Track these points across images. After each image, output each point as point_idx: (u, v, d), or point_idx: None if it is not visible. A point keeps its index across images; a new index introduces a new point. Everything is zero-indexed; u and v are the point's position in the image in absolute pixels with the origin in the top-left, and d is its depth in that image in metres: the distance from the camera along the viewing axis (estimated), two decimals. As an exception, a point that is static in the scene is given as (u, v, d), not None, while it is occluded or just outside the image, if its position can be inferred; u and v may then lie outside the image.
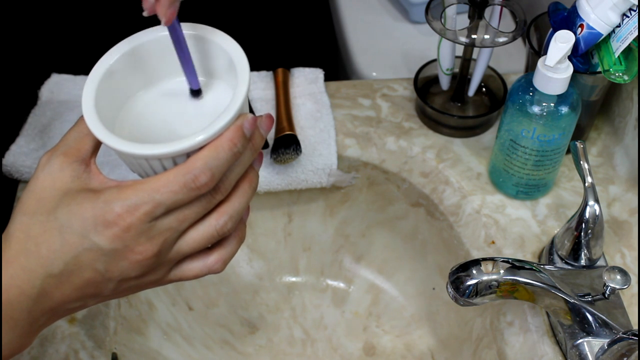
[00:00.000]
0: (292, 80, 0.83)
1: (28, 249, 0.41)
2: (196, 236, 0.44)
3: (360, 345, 0.81)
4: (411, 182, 0.79)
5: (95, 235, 0.41)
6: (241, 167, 0.44)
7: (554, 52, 0.59)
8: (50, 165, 0.43)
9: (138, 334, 0.73)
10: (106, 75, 0.45)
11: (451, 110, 0.80)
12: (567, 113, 0.64)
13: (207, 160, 0.41)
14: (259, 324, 0.82)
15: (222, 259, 0.46)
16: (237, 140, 0.42)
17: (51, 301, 0.42)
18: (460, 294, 0.56)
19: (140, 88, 0.48)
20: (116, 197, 0.41)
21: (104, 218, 0.41)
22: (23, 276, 0.41)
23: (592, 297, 0.59)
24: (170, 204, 0.41)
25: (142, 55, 0.47)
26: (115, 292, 0.44)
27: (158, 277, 0.45)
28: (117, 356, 0.68)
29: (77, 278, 0.42)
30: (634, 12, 0.61)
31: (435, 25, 0.72)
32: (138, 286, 0.45)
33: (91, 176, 0.43)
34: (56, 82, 0.83)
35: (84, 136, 0.44)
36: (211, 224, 0.44)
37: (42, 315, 0.43)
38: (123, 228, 0.41)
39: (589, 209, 0.61)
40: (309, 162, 0.76)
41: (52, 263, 0.41)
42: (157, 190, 0.41)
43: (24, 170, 0.74)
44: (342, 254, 0.86)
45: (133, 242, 0.41)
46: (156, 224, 0.41)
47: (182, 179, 0.41)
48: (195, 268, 0.46)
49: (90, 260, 0.42)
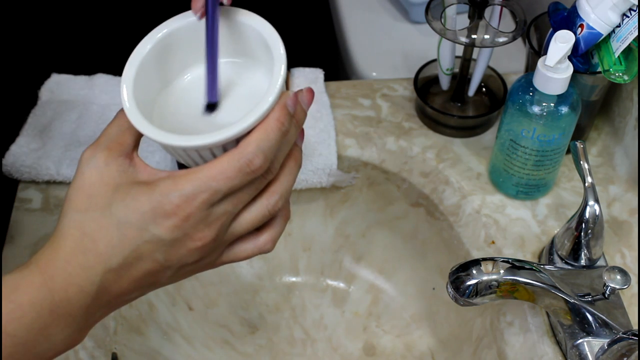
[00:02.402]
0: (292, 80, 0.83)
1: (85, 246, 0.41)
2: (249, 217, 0.44)
3: (360, 345, 0.81)
4: (411, 182, 0.79)
5: (155, 227, 0.41)
6: (288, 146, 0.44)
7: (554, 52, 0.59)
8: (95, 160, 0.43)
9: (138, 334, 0.73)
10: (141, 66, 0.45)
11: (451, 110, 0.80)
12: (567, 113, 0.64)
13: (259, 143, 0.41)
14: (259, 324, 0.82)
15: (272, 239, 0.47)
16: (284, 119, 0.42)
17: (109, 295, 0.43)
18: (460, 294, 0.56)
19: (175, 76, 0.48)
20: (172, 188, 0.41)
21: (163, 209, 0.41)
22: (82, 274, 0.41)
23: (592, 297, 0.59)
24: (227, 190, 0.41)
25: (174, 42, 0.46)
26: (171, 278, 0.45)
27: (212, 260, 0.45)
28: (117, 356, 0.68)
29: (136, 270, 0.42)
30: (634, 12, 0.61)
31: (435, 25, 0.72)
32: (193, 270, 0.45)
33: (137, 169, 0.43)
34: (56, 82, 0.83)
35: (125, 130, 0.44)
36: (263, 204, 0.44)
37: (99, 309, 0.43)
38: (182, 218, 0.41)
39: (589, 209, 0.61)
40: (309, 162, 0.76)
41: (110, 258, 0.41)
42: (213, 178, 0.41)
43: (24, 170, 0.74)
44: (342, 254, 0.86)
45: (192, 230, 0.42)
46: (213, 210, 0.42)
47: (237, 164, 0.41)
48: (247, 249, 0.47)
49: (149, 252, 0.42)
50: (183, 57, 0.47)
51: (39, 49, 1.34)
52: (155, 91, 0.47)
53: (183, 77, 0.48)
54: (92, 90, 0.83)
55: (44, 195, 0.75)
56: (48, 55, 1.32)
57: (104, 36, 1.49)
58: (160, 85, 0.47)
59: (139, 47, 0.46)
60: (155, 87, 0.47)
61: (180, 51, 0.47)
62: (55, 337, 0.41)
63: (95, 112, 0.81)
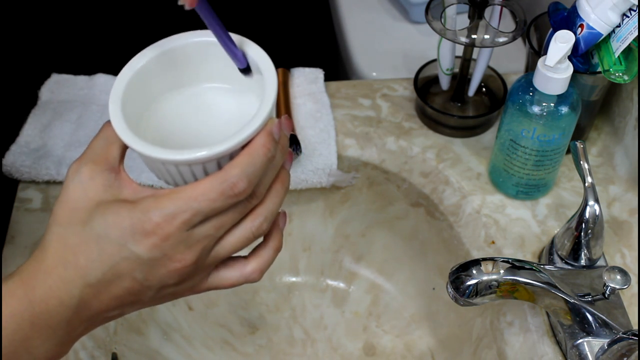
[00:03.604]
0: (292, 80, 0.83)
1: (66, 259, 0.41)
2: (233, 240, 0.44)
3: (360, 345, 0.81)
4: (411, 182, 0.79)
5: (134, 245, 0.41)
6: (274, 171, 0.44)
7: (554, 52, 0.59)
8: (79, 174, 0.43)
9: (138, 334, 0.73)
10: (133, 80, 0.45)
11: (451, 110, 0.80)
12: (567, 113, 0.64)
13: (244, 167, 0.41)
14: (259, 324, 0.82)
15: (260, 268, 0.47)
16: (270, 145, 0.42)
17: (90, 310, 0.42)
18: (460, 294, 0.56)
19: (164, 92, 0.48)
20: (153, 206, 0.41)
21: (142, 227, 0.40)
22: (62, 286, 0.41)
23: (592, 297, 0.59)
24: (208, 211, 0.41)
25: (169, 61, 0.46)
26: (153, 299, 0.44)
27: (195, 283, 0.45)
28: (117, 356, 0.68)
29: (116, 287, 0.42)
30: (634, 12, 0.61)
31: (435, 25, 0.72)
32: (176, 293, 0.45)
33: (122, 184, 0.43)
34: (56, 82, 0.83)
35: (110, 143, 0.44)
36: (247, 227, 0.44)
37: (80, 324, 0.43)
38: (162, 237, 0.41)
39: (589, 209, 0.61)
40: (309, 162, 0.76)
41: (90, 273, 0.41)
42: (194, 199, 0.40)
43: (24, 170, 0.74)
44: (342, 254, 0.86)
45: (172, 251, 0.41)
46: (194, 232, 0.41)
47: (220, 187, 0.41)
48: (232, 277, 0.46)
49: (128, 270, 0.41)
50: (177, 75, 0.48)
51: (39, 49, 1.35)
52: (144, 107, 0.47)
53: (175, 96, 0.48)
54: (92, 90, 0.83)
55: (44, 195, 0.75)
56: (48, 55, 1.32)
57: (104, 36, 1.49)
58: (150, 101, 0.47)
59: (132, 61, 0.46)
60: (145, 103, 0.47)
61: (174, 69, 0.47)
62: (36, 349, 0.41)
63: (95, 112, 0.81)
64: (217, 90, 0.48)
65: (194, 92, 0.48)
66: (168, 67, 0.47)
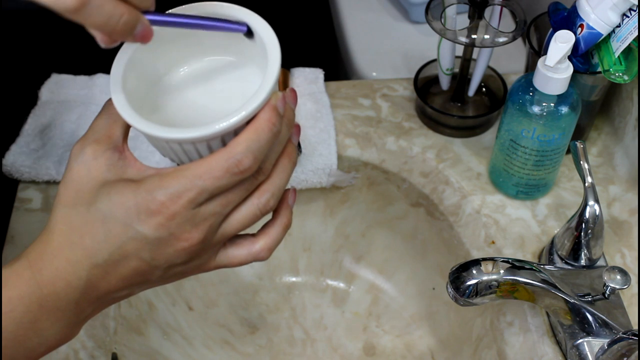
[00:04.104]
0: (292, 80, 0.83)
1: (72, 241, 0.41)
2: (240, 217, 0.43)
3: (360, 345, 0.81)
4: (411, 182, 0.79)
5: (139, 224, 0.40)
6: (280, 145, 0.43)
7: (554, 52, 0.59)
8: (83, 154, 0.42)
9: (138, 333, 0.73)
10: (133, 59, 0.44)
11: (451, 110, 0.80)
12: (567, 113, 0.64)
13: (249, 144, 0.40)
14: (259, 324, 0.82)
15: (268, 247, 0.46)
16: (275, 120, 0.41)
17: (98, 291, 0.42)
18: (460, 294, 0.56)
19: (166, 69, 0.47)
20: (158, 185, 0.40)
21: (147, 207, 0.40)
22: (69, 268, 0.41)
23: (592, 297, 0.59)
24: (214, 189, 0.41)
25: (168, 36, 0.45)
26: (161, 279, 0.44)
27: (203, 262, 0.45)
28: (117, 356, 0.68)
29: (123, 268, 0.42)
30: (634, 12, 0.61)
31: (435, 25, 0.72)
32: (184, 272, 0.45)
33: (127, 163, 0.43)
34: (56, 82, 0.83)
35: (113, 122, 0.43)
36: (253, 204, 0.43)
37: (89, 305, 0.43)
38: (167, 216, 0.40)
39: (589, 209, 0.61)
40: (309, 162, 0.76)
41: (96, 254, 0.41)
42: (199, 177, 0.40)
43: (24, 170, 0.74)
44: (342, 254, 0.86)
45: (178, 230, 0.41)
46: (200, 210, 0.41)
47: (225, 164, 0.40)
48: (241, 255, 0.46)
49: (135, 250, 0.41)
50: (178, 50, 0.47)
51: (39, 49, 1.34)
52: (146, 84, 0.46)
53: (177, 71, 0.47)
54: (92, 90, 0.83)
55: (44, 195, 0.75)
56: (48, 55, 1.31)
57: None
58: (152, 78, 0.47)
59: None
60: (147, 80, 0.46)
61: (174, 45, 0.46)
62: (45, 331, 0.41)
63: (95, 112, 0.81)
64: (221, 63, 0.47)
65: (197, 67, 0.47)
66: (168, 42, 0.46)
